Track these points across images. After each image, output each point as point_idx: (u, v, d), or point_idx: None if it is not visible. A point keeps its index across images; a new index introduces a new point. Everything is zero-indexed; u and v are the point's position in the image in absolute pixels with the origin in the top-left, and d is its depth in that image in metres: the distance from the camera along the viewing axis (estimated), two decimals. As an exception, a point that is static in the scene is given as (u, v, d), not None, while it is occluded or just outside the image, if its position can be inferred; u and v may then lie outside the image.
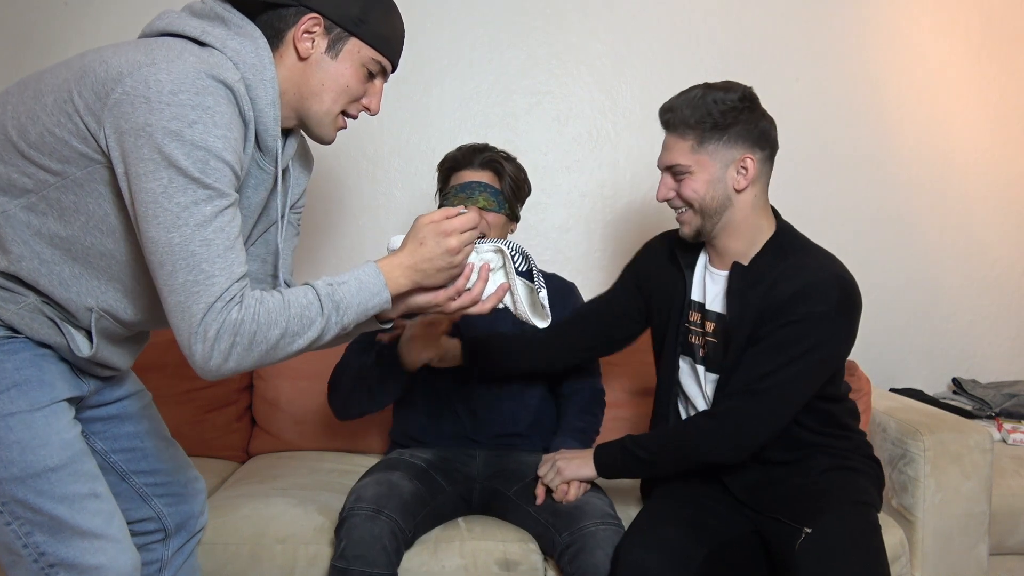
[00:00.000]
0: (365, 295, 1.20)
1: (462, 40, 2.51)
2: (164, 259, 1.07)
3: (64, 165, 1.12)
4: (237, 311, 1.09)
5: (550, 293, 1.43)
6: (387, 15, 1.26)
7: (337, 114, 1.27)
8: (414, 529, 1.60)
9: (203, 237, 1.07)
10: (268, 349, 1.12)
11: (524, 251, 1.35)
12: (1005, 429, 2.33)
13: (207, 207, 1.07)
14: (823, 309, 1.45)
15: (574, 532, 1.56)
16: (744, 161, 1.53)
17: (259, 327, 1.10)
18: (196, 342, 1.08)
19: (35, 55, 2.45)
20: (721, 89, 1.54)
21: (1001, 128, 2.68)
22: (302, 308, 1.14)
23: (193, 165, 1.05)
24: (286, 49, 1.21)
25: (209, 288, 1.07)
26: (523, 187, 1.84)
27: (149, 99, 1.04)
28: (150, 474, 1.41)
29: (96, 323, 1.21)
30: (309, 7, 1.19)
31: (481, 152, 1.80)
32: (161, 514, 1.43)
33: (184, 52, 1.10)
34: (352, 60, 1.23)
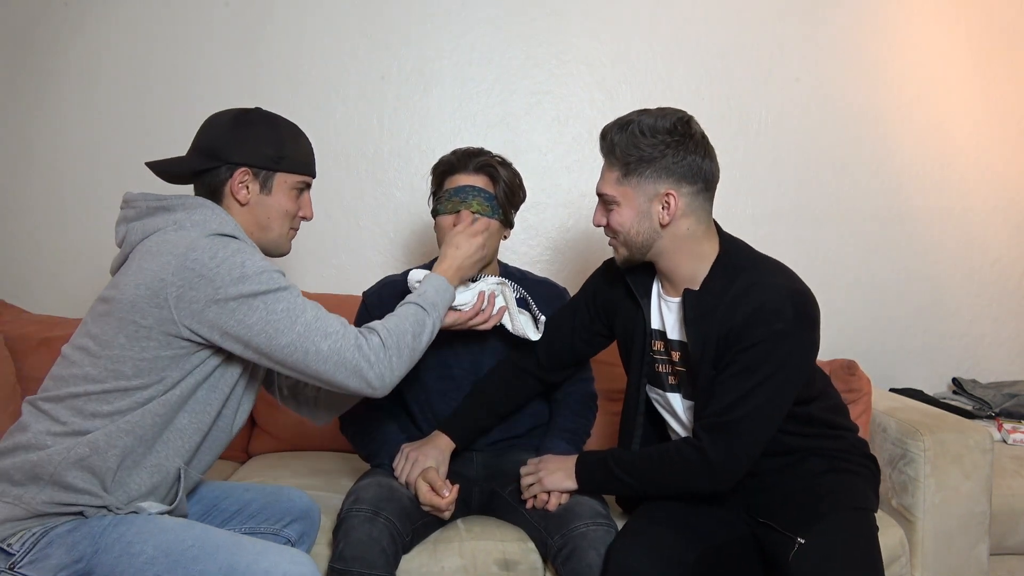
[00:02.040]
0: (440, 293, 1.51)
1: (462, 40, 2.51)
2: (307, 346, 1.33)
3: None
4: (377, 336, 1.39)
5: (541, 298, 1.81)
6: (297, 142, 1.51)
7: (285, 232, 1.52)
8: (412, 535, 1.59)
9: (314, 315, 1.35)
10: (410, 350, 1.42)
11: (517, 287, 1.73)
12: (1005, 429, 2.33)
13: (295, 298, 1.34)
14: (780, 327, 1.41)
15: (566, 534, 1.55)
16: (667, 197, 1.47)
17: (397, 337, 1.40)
18: (368, 373, 1.36)
19: (35, 55, 2.45)
20: (653, 116, 1.48)
21: (1001, 128, 2.68)
22: (414, 314, 1.45)
23: (265, 284, 1.31)
24: (229, 201, 1.44)
25: (344, 337, 1.35)
26: (517, 193, 1.81)
27: (203, 275, 1.28)
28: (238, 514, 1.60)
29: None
30: (236, 162, 1.42)
31: (476, 156, 1.77)
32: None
33: (182, 233, 1.33)
34: (283, 190, 1.48)
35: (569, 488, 1.63)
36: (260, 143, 1.44)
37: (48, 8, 2.45)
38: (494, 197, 1.75)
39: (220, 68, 2.46)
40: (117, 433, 1.31)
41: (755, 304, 1.43)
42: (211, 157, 1.42)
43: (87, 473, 1.30)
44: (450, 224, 1.72)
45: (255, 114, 1.48)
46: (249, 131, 1.44)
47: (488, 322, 1.62)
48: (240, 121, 1.45)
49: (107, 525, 1.29)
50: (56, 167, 2.47)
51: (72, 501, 1.29)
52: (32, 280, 2.48)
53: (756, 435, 1.45)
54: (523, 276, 1.91)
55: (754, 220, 2.60)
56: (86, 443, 1.29)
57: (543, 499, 1.63)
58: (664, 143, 1.45)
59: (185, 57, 2.46)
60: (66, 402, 1.32)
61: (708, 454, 1.45)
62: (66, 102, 2.47)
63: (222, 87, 2.46)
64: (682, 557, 1.45)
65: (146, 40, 2.46)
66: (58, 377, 1.35)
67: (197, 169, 1.44)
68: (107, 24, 2.45)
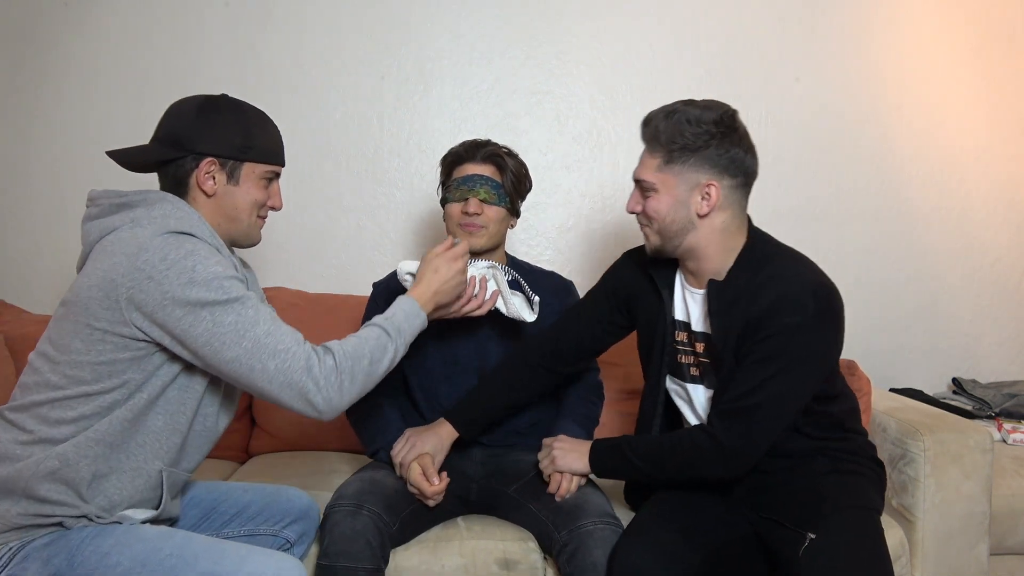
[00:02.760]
0: (411, 319, 1.46)
1: (462, 40, 2.52)
2: (252, 363, 1.27)
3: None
4: (330, 358, 1.32)
5: (548, 290, 1.84)
6: (265, 130, 1.46)
7: (254, 222, 1.47)
8: (400, 525, 1.59)
9: (265, 330, 1.28)
10: (365, 376, 1.36)
11: (508, 268, 1.73)
12: (1005, 429, 2.33)
13: (246, 310, 1.28)
14: (799, 320, 1.41)
15: (572, 531, 1.56)
16: (708, 187, 1.48)
17: (353, 361, 1.34)
18: (315, 396, 1.30)
19: (35, 55, 2.45)
20: (699, 107, 1.48)
21: (1001, 128, 2.68)
22: (376, 339, 1.39)
23: (214, 293, 1.25)
24: (194, 193, 1.40)
25: (295, 357, 1.28)
26: (524, 182, 1.85)
27: (152, 277, 1.24)
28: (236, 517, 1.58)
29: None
30: (202, 152, 1.37)
31: (483, 147, 1.81)
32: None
33: (136, 231, 1.29)
34: (251, 180, 1.43)
35: (581, 471, 1.64)
36: (227, 132, 1.39)
37: (48, 8, 2.45)
38: (501, 186, 1.79)
39: (220, 68, 2.46)
40: (86, 443, 1.27)
41: (776, 294, 1.44)
42: (175, 147, 1.37)
43: (60, 485, 1.26)
44: (458, 212, 1.77)
45: (221, 101, 1.43)
46: (215, 120, 1.39)
47: (482, 307, 1.61)
48: (205, 109, 1.40)
49: (85, 537, 1.26)
50: (56, 167, 2.47)
51: (49, 512, 1.26)
52: (32, 280, 2.49)
53: (770, 423, 1.46)
54: (531, 269, 1.94)
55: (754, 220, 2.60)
56: (55, 456, 1.26)
57: (556, 479, 1.64)
58: (709, 133, 1.45)
59: (185, 57, 2.46)
60: (31, 411, 1.28)
61: (721, 440, 1.45)
62: (66, 102, 2.47)
63: (222, 87, 2.43)
64: (687, 557, 1.45)
65: (146, 40, 2.46)
66: (24, 386, 1.32)
67: (161, 159, 1.39)
68: (107, 24, 2.45)
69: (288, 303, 2.29)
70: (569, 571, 1.53)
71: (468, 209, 1.75)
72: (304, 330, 1.73)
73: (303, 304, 2.29)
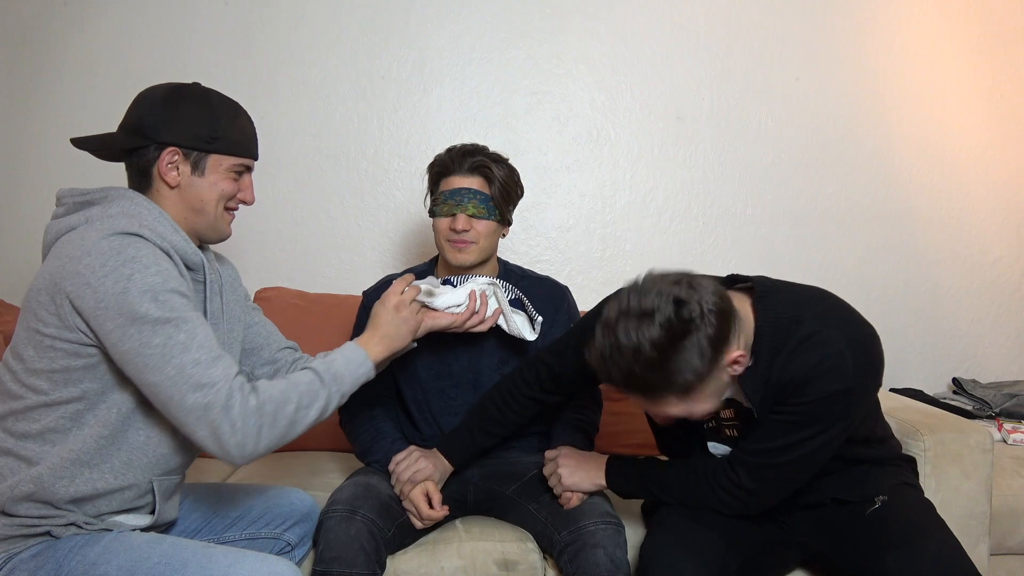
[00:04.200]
0: (352, 367, 1.38)
1: (462, 40, 2.51)
2: (171, 393, 1.19)
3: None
4: (254, 398, 1.23)
5: (543, 297, 1.83)
6: (234, 121, 1.39)
7: (222, 214, 1.41)
8: (396, 529, 1.58)
9: (194, 359, 1.20)
10: (288, 423, 1.27)
11: (511, 286, 1.72)
12: (1005, 429, 2.33)
13: (178, 334, 1.20)
14: (839, 387, 1.33)
15: (573, 531, 1.55)
16: (735, 362, 1.32)
17: (276, 406, 1.25)
18: (228, 439, 1.20)
19: (34, 55, 2.45)
20: (639, 328, 1.23)
21: (1001, 128, 2.68)
22: (307, 384, 1.31)
23: (146, 311, 1.18)
24: (158, 184, 1.35)
25: (217, 394, 1.20)
26: (514, 190, 1.80)
27: (89, 283, 1.18)
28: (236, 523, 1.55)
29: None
30: (164, 142, 1.32)
31: (471, 156, 1.75)
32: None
33: (86, 231, 1.23)
34: (217, 172, 1.37)
35: (590, 489, 1.61)
36: (191, 122, 1.33)
37: (47, 8, 2.45)
38: (490, 198, 1.74)
39: (219, 68, 2.46)
40: (61, 464, 1.23)
41: (812, 361, 1.33)
42: (139, 135, 1.33)
43: (39, 504, 1.23)
44: (446, 227, 1.73)
45: (189, 90, 1.38)
46: (180, 109, 1.34)
47: (483, 324, 1.61)
48: (172, 97, 1.35)
49: (73, 547, 1.23)
50: (56, 167, 2.47)
51: (34, 524, 1.23)
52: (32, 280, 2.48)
53: (796, 479, 1.43)
54: (524, 275, 1.90)
55: (754, 220, 2.60)
56: (30, 480, 1.22)
57: (567, 498, 1.61)
58: (701, 352, 1.26)
59: (184, 57, 2.46)
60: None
61: (744, 485, 1.43)
62: (65, 101, 2.47)
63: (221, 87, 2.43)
64: (727, 563, 1.42)
65: (145, 40, 2.46)
66: None
67: (126, 147, 1.35)
68: (106, 23, 2.45)
69: (288, 303, 2.29)
70: (571, 571, 1.52)
71: (456, 226, 1.70)
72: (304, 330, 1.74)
73: (303, 304, 2.29)
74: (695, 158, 2.59)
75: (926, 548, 1.35)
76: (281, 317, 2.19)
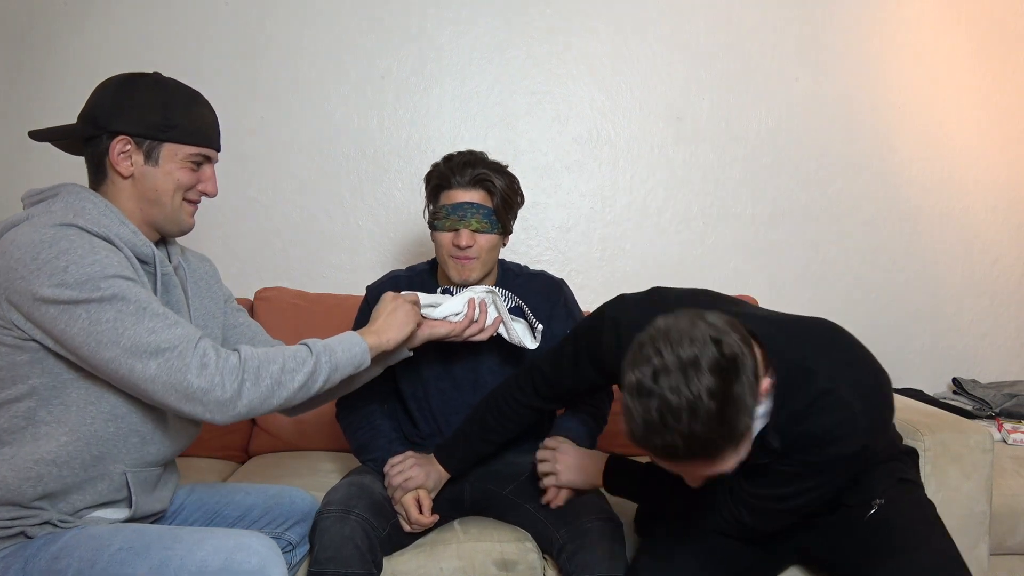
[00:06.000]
0: (345, 345, 1.37)
1: (462, 40, 2.51)
2: (132, 364, 1.17)
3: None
4: (235, 356, 1.21)
5: (538, 291, 1.82)
6: (191, 109, 1.35)
7: (180, 206, 1.37)
8: (391, 529, 1.58)
9: (149, 327, 1.17)
10: (273, 382, 1.24)
11: (510, 294, 1.74)
12: (1005, 429, 2.33)
13: (128, 306, 1.17)
14: (855, 448, 1.27)
15: (572, 529, 1.55)
16: (765, 390, 1.24)
17: (260, 363, 1.23)
18: (204, 396, 1.18)
19: (35, 55, 2.45)
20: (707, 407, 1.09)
21: (1001, 128, 2.68)
22: (295, 350, 1.30)
23: (87, 292, 1.15)
24: (112, 175, 1.32)
25: (181, 356, 1.17)
26: (515, 200, 1.76)
27: (24, 276, 1.15)
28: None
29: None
30: (114, 131, 1.29)
31: (471, 167, 1.71)
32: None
33: (25, 227, 1.21)
34: (173, 161, 1.33)
35: (582, 487, 1.61)
36: (144, 110, 1.30)
37: (48, 8, 2.45)
38: (492, 212, 1.70)
39: (219, 68, 2.46)
40: (25, 465, 1.20)
41: (828, 425, 1.26)
42: (92, 124, 1.31)
43: (8, 506, 1.20)
44: (449, 243, 1.70)
45: (145, 79, 1.35)
46: (134, 97, 1.31)
47: (483, 332, 1.61)
48: (126, 85, 1.33)
49: (40, 545, 1.20)
50: (55, 166, 2.47)
51: (6, 526, 1.20)
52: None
53: (798, 515, 1.41)
54: (519, 272, 1.89)
55: (754, 220, 2.60)
56: None
57: (553, 493, 1.62)
58: (752, 390, 1.14)
59: (184, 56, 2.46)
60: None
61: (743, 520, 1.40)
62: (65, 101, 2.46)
63: (221, 87, 2.46)
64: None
65: (145, 40, 2.46)
66: None
67: (83, 137, 1.33)
68: (106, 24, 2.45)
69: (288, 303, 2.29)
70: (571, 569, 1.52)
71: (460, 242, 1.68)
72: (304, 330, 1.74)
73: (303, 304, 2.29)
74: (695, 158, 2.59)
75: (920, 556, 1.34)
76: (281, 317, 2.20)
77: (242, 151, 2.46)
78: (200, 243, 2.31)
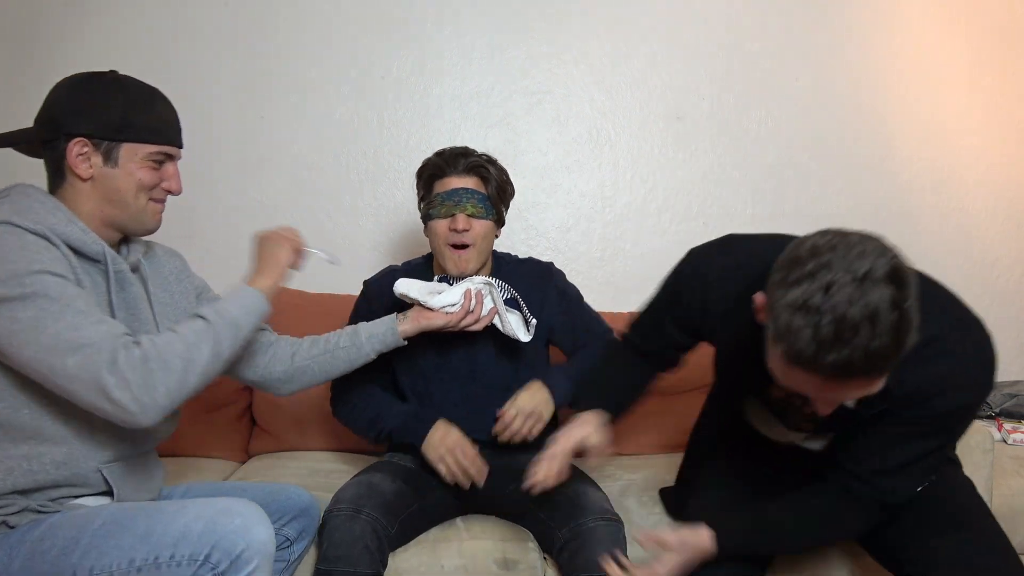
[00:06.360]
0: (237, 296, 1.32)
1: (462, 40, 2.51)
2: (51, 362, 1.13)
3: None
4: (138, 349, 1.17)
5: (528, 277, 1.84)
6: (149, 107, 1.33)
7: (145, 206, 1.34)
8: (399, 527, 1.59)
9: (70, 323, 1.14)
10: (183, 363, 1.19)
11: (507, 286, 1.74)
12: (1005, 429, 2.33)
13: (50, 304, 1.14)
14: (969, 400, 1.26)
15: (573, 528, 1.56)
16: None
17: (162, 348, 1.18)
18: (120, 396, 1.13)
19: (35, 55, 2.45)
20: (888, 319, 1.04)
21: (1001, 128, 2.68)
22: (189, 324, 1.25)
23: (11, 289, 1.13)
24: (71, 178, 1.29)
25: (99, 353, 1.13)
26: (507, 189, 1.82)
27: None
28: None
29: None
30: (71, 133, 1.27)
31: (464, 156, 1.76)
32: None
33: None
34: (133, 161, 1.31)
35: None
36: (100, 110, 1.28)
37: (48, 8, 2.45)
38: (487, 198, 1.76)
39: (219, 68, 2.46)
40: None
41: (943, 372, 1.24)
42: (48, 127, 1.29)
43: None
44: (445, 229, 1.73)
45: (101, 78, 1.33)
46: (90, 97, 1.29)
47: (478, 323, 1.64)
48: (81, 86, 1.31)
49: (24, 531, 1.20)
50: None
51: None
52: None
53: (916, 486, 1.35)
54: (510, 260, 1.93)
55: (754, 220, 2.60)
56: None
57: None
58: (912, 317, 1.08)
59: (184, 57, 2.46)
60: None
61: (867, 505, 1.33)
62: (66, 102, 2.47)
63: (222, 87, 2.46)
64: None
65: (145, 40, 2.46)
66: None
67: (40, 140, 1.30)
68: (106, 23, 2.45)
69: (288, 303, 2.28)
70: (571, 569, 1.53)
71: (456, 226, 1.71)
72: (304, 330, 1.74)
73: (303, 304, 2.29)
74: (695, 158, 2.59)
75: (971, 535, 1.33)
76: (281, 317, 2.19)
77: (242, 151, 2.46)
78: (200, 243, 2.31)
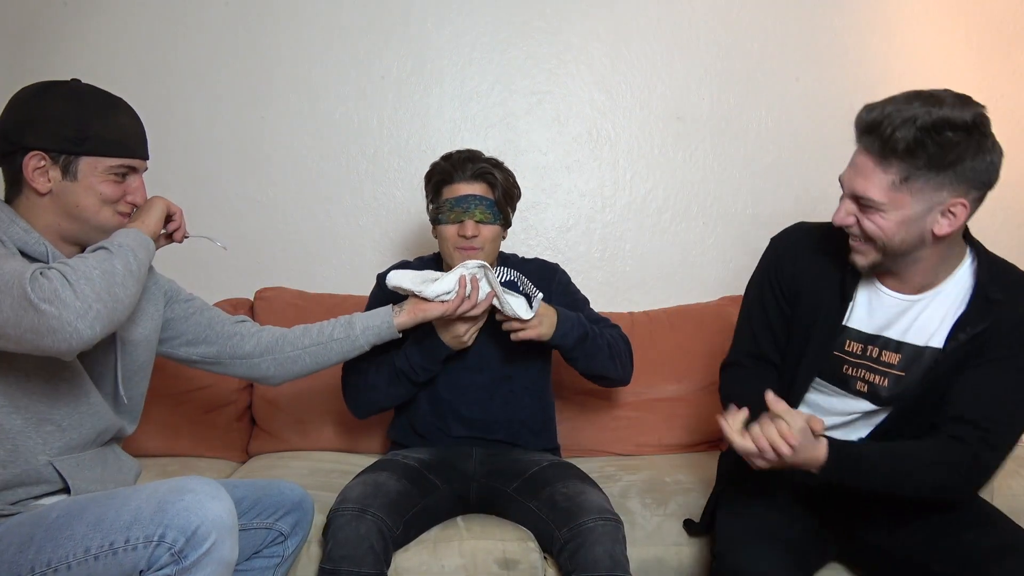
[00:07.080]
0: (123, 234, 1.26)
1: (462, 40, 2.52)
2: None
3: None
4: (53, 271, 1.13)
5: (532, 275, 1.80)
6: (109, 119, 1.28)
7: (110, 219, 1.31)
8: (403, 527, 1.59)
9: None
10: (102, 273, 1.16)
11: (509, 268, 1.76)
12: (1005, 429, 2.33)
13: None
14: None
15: (573, 528, 1.56)
16: (955, 206, 1.21)
17: (75, 266, 1.14)
18: (49, 307, 1.09)
19: (35, 55, 2.45)
20: (947, 107, 1.16)
21: (1001, 128, 2.66)
22: (91, 254, 1.21)
23: None
24: (27, 192, 1.26)
25: (19, 280, 1.09)
26: (514, 193, 1.85)
27: None
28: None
29: None
30: (27, 146, 1.22)
31: (472, 162, 1.79)
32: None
33: None
34: (93, 174, 1.26)
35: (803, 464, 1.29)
36: (57, 123, 1.23)
37: (48, 8, 2.45)
38: (495, 203, 1.79)
39: (219, 68, 2.46)
40: None
41: None
42: (4, 140, 1.24)
43: None
44: (454, 234, 1.77)
45: (60, 88, 1.29)
46: (46, 108, 1.25)
47: (477, 308, 1.63)
48: (38, 97, 1.26)
49: None
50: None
51: None
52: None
53: (1014, 440, 1.31)
54: (515, 258, 1.96)
55: (754, 220, 2.60)
56: None
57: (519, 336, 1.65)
58: (964, 145, 1.16)
59: (184, 57, 2.46)
60: None
61: (969, 454, 1.27)
62: (66, 102, 2.47)
63: (221, 87, 2.46)
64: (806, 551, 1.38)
65: (145, 40, 2.46)
66: None
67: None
68: (106, 23, 2.45)
69: (288, 303, 2.29)
70: (570, 568, 1.53)
71: (465, 232, 1.75)
72: (304, 330, 1.75)
73: (303, 304, 2.29)
74: (695, 158, 2.59)
75: (996, 530, 1.32)
76: (281, 317, 2.20)
77: (242, 151, 2.47)
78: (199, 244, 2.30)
